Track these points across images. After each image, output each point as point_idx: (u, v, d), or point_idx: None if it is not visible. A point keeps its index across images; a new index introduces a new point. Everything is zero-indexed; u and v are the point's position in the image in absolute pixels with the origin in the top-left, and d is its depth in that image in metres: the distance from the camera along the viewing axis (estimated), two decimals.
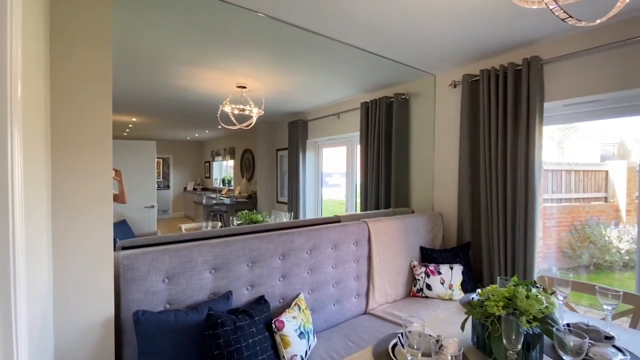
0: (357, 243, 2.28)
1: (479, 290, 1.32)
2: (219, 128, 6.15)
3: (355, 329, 2.02)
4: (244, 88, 3.47)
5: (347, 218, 2.51)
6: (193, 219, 8.55)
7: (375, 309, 2.29)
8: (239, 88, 3.47)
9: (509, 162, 2.39)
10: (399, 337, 1.23)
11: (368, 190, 3.55)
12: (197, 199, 7.98)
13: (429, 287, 2.42)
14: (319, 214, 5.00)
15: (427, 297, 2.43)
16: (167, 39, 2.34)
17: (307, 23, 2.07)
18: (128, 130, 7.07)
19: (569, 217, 3.52)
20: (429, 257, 2.60)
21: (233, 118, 3.58)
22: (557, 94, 2.28)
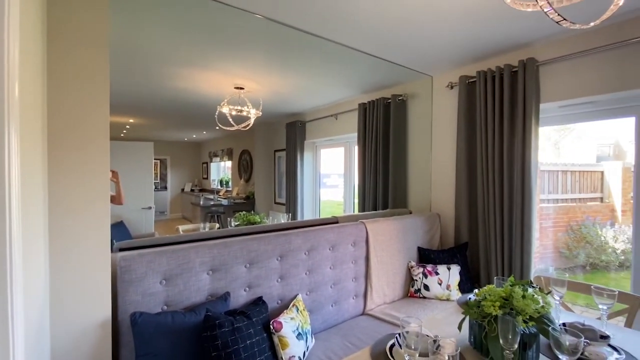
0: (354, 244, 2.28)
1: (476, 291, 1.32)
2: (217, 129, 6.14)
3: (353, 330, 2.02)
4: (242, 89, 3.47)
5: (344, 219, 2.51)
6: (191, 220, 8.53)
7: (373, 310, 2.29)
8: (237, 89, 3.47)
9: (506, 162, 2.40)
10: (397, 337, 1.23)
11: (366, 191, 3.55)
12: (194, 200, 7.96)
13: (427, 287, 2.43)
14: (317, 215, 5.00)
15: (424, 297, 2.44)
16: (164, 40, 2.34)
17: (304, 25, 2.08)
18: (125, 132, 7.05)
19: (566, 217, 3.54)
20: (427, 257, 2.61)
21: (231, 119, 3.58)
22: (552, 96, 2.30)
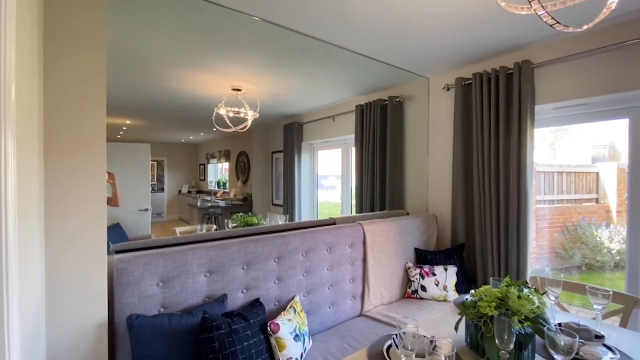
0: (352, 245, 2.28)
1: (473, 291, 1.33)
2: (214, 130, 6.12)
3: (351, 331, 2.02)
4: (239, 91, 3.47)
5: (342, 220, 2.52)
6: (188, 222, 8.50)
7: (371, 311, 2.30)
8: (234, 91, 3.47)
9: (502, 164, 2.42)
10: (394, 338, 1.24)
11: (363, 193, 3.56)
12: (191, 202, 7.94)
13: (424, 288, 2.44)
14: (315, 217, 5.00)
15: (421, 298, 2.44)
16: (162, 42, 2.34)
17: (302, 27, 2.08)
18: (122, 133, 7.02)
19: (561, 218, 3.56)
20: (424, 258, 2.62)
21: (228, 121, 3.58)
22: (547, 97, 2.32)
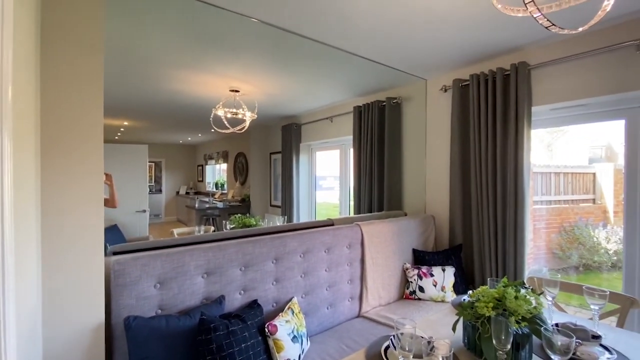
0: (350, 246, 2.29)
1: (470, 292, 1.33)
2: (212, 132, 6.12)
3: (349, 332, 2.02)
4: (237, 92, 3.47)
5: (340, 221, 2.52)
6: (186, 223, 8.48)
7: (369, 312, 2.30)
8: (232, 92, 3.46)
9: (499, 165, 2.43)
10: (391, 339, 1.24)
11: (361, 194, 3.56)
12: (189, 203, 7.92)
13: (422, 289, 2.44)
14: (313, 218, 5.00)
15: (419, 299, 2.44)
16: (159, 43, 2.34)
17: (300, 29, 2.09)
18: (119, 134, 7.00)
19: (559, 218, 3.58)
20: (422, 259, 2.62)
21: (226, 122, 3.58)
22: (544, 99, 2.33)
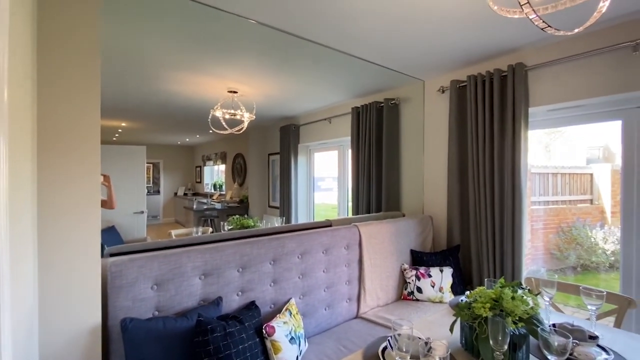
0: (348, 247, 2.29)
1: (468, 292, 1.33)
2: (210, 133, 6.12)
3: (347, 333, 2.02)
4: (235, 93, 3.47)
5: (338, 222, 2.52)
6: (184, 225, 8.46)
7: (367, 313, 2.30)
8: (230, 93, 3.46)
9: (496, 165, 2.43)
10: (389, 340, 1.24)
11: (359, 194, 3.57)
12: (187, 204, 7.90)
13: (420, 290, 2.44)
14: (311, 219, 4.99)
15: (418, 300, 2.45)
16: (157, 44, 2.34)
17: (297, 30, 2.09)
18: (117, 135, 6.98)
19: (556, 219, 3.58)
20: (420, 260, 2.62)
21: (224, 123, 3.58)
22: (541, 100, 2.34)
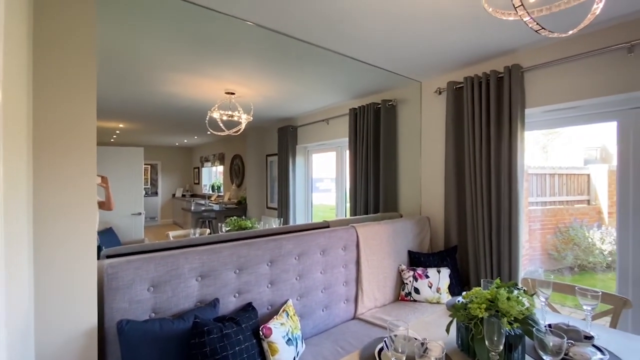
0: (345, 248, 2.29)
1: (464, 293, 1.34)
2: (208, 134, 6.12)
3: (344, 334, 2.02)
4: (233, 94, 3.47)
5: (336, 223, 2.52)
6: (182, 226, 8.44)
7: (364, 314, 2.30)
8: (228, 94, 3.46)
9: (493, 166, 2.44)
10: (385, 341, 1.24)
11: (357, 195, 3.57)
12: (185, 206, 7.89)
13: (417, 290, 2.44)
14: (310, 220, 4.99)
15: (415, 300, 2.45)
16: (154, 46, 2.34)
17: (295, 31, 2.09)
18: (115, 137, 6.97)
19: (554, 219, 3.60)
20: (417, 261, 2.63)
21: (221, 124, 3.58)
22: (537, 101, 2.35)
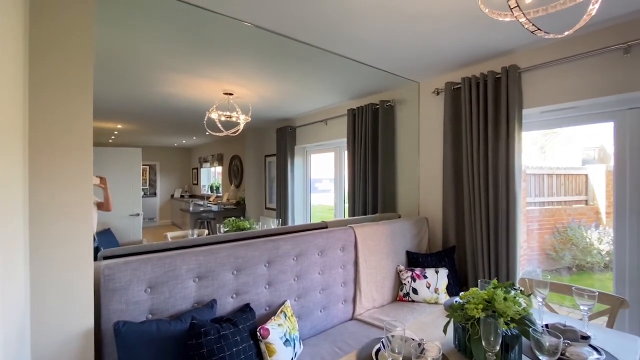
0: (343, 249, 2.28)
1: (462, 294, 1.34)
2: (207, 134, 6.10)
3: (342, 335, 2.01)
4: (231, 95, 3.47)
5: (334, 224, 2.52)
6: (180, 227, 8.42)
7: (362, 315, 2.30)
8: (226, 95, 3.46)
9: (490, 167, 2.44)
10: (382, 341, 1.24)
11: (355, 196, 3.57)
12: (184, 206, 7.87)
13: (415, 291, 2.44)
14: (308, 220, 4.99)
15: (413, 301, 2.45)
16: (152, 47, 2.33)
17: (293, 32, 2.09)
18: (113, 137, 6.96)
19: (552, 219, 3.61)
20: (415, 261, 2.63)
21: (220, 125, 3.57)
22: (534, 101, 2.35)
